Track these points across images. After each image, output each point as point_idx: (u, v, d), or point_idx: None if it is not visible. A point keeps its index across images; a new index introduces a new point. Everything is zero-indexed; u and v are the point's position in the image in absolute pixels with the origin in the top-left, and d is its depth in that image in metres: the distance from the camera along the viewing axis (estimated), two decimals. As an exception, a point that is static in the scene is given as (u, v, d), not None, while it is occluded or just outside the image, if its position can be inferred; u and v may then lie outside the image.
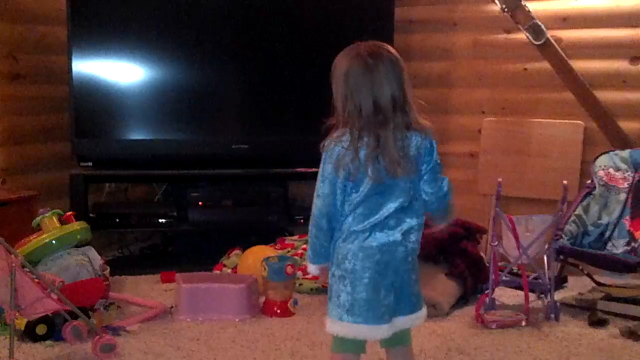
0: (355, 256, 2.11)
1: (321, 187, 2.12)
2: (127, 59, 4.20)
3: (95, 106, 4.16)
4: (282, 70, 4.41)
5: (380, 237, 2.11)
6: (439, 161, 2.18)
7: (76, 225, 3.52)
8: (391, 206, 2.11)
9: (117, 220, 4.30)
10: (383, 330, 2.14)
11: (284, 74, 4.41)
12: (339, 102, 2.12)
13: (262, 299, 3.51)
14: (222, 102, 4.44)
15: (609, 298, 3.52)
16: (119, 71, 4.19)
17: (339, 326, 2.14)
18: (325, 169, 2.11)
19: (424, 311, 2.24)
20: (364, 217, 2.11)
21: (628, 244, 3.59)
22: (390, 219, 2.11)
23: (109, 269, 3.54)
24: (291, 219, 4.48)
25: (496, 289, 3.49)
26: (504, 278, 3.51)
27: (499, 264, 3.51)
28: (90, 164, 4.19)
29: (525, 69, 4.43)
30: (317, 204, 2.14)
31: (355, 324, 2.11)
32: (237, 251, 4.09)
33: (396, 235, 2.12)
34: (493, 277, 3.43)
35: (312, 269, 2.23)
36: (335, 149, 2.09)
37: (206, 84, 4.32)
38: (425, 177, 2.17)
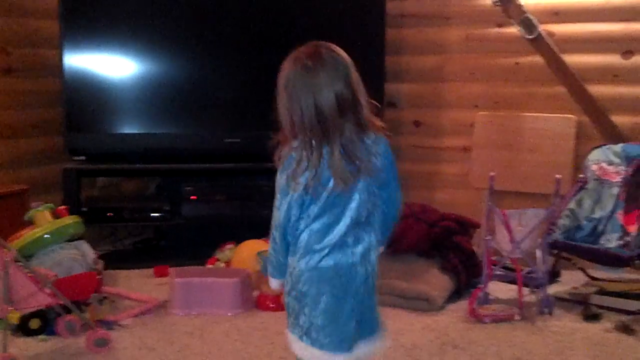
0: (310, 278, 1.95)
1: (278, 200, 1.98)
2: (119, 53, 4.20)
3: (87, 100, 4.15)
4: (273, 64, 4.37)
5: (337, 258, 1.94)
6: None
7: (69, 220, 3.51)
8: (348, 220, 1.94)
9: (110, 214, 4.29)
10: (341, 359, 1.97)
11: (276, 67, 4.38)
12: (283, 114, 2.00)
13: (256, 293, 3.51)
14: (215, 95, 4.41)
15: (602, 292, 3.54)
16: (111, 65, 4.18)
17: (298, 346, 2.00)
18: (281, 181, 1.97)
19: (383, 340, 2.07)
20: (321, 234, 1.94)
21: (621, 238, 3.58)
22: (347, 236, 1.94)
23: (102, 263, 3.54)
24: (284, 212, 4.46)
25: (489, 283, 3.49)
26: (497, 272, 3.51)
27: (493, 258, 3.51)
28: (83, 158, 4.19)
29: (518, 63, 4.43)
30: (275, 217, 2.00)
31: (312, 347, 1.97)
32: (230, 245, 4.08)
33: (356, 255, 1.95)
34: (486, 271, 3.44)
35: (275, 284, 2.10)
36: (291, 160, 1.95)
37: (198, 78, 4.31)
38: (387, 184, 2.03)
